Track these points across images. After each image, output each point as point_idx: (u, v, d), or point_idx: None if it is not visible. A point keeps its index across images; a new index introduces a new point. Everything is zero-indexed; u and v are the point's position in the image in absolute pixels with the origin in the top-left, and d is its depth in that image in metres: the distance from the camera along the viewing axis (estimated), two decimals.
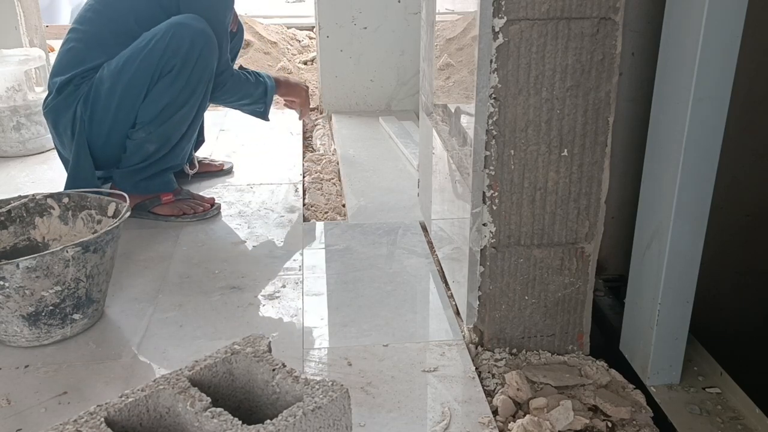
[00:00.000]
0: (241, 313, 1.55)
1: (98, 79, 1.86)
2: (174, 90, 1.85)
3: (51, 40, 3.68)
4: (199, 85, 1.89)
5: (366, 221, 2.03)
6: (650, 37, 1.36)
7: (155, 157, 1.94)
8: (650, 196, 1.29)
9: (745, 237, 1.65)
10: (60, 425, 0.80)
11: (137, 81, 1.84)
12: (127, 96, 1.85)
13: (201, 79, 1.89)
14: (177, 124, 1.92)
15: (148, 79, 1.84)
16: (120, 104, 1.86)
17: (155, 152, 1.93)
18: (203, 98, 1.95)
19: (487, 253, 1.34)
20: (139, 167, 1.94)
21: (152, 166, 1.96)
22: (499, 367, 1.36)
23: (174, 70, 1.83)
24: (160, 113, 1.86)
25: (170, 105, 1.86)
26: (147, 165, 1.95)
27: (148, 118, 1.87)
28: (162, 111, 1.86)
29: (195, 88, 1.89)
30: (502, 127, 1.25)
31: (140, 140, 1.90)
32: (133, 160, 1.93)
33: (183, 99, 1.88)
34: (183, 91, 1.87)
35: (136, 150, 1.91)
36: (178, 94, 1.86)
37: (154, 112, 1.86)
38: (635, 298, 1.36)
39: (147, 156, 1.93)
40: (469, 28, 1.36)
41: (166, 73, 1.83)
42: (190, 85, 1.87)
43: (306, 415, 0.80)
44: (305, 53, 4.07)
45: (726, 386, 1.33)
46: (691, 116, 1.14)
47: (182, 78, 1.85)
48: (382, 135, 2.84)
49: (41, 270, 1.32)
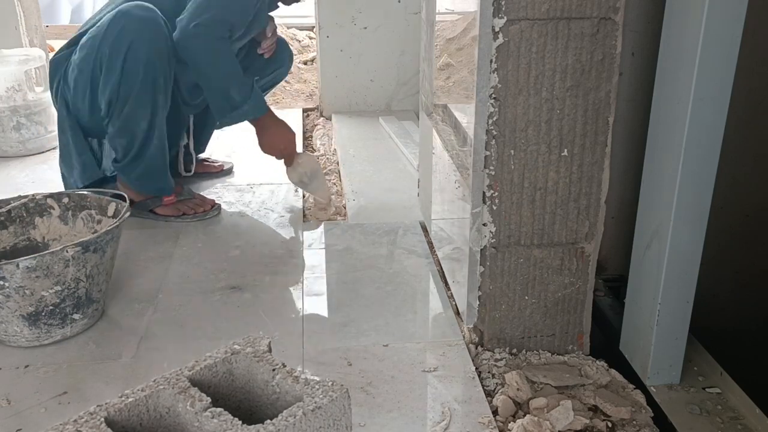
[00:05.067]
0: (241, 313, 1.55)
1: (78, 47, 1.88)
2: (113, 82, 1.80)
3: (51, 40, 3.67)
4: (137, 79, 1.78)
5: (366, 221, 2.03)
6: (650, 37, 1.36)
7: (131, 152, 1.90)
8: (650, 196, 1.29)
9: (745, 237, 1.65)
10: (60, 425, 0.80)
11: (84, 63, 1.84)
12: (81, 74, 1.85)
13: (137, 72, 1.78)
14: (133, 119, 1.84)
15: (91, 64, 1.82)
16: (76, 80, 1.87)
17: (128, 146, 1.89)
18: (154, 93, 1.82)
19: (487, 253, 1.34)
20: (125, 163, 1.93)
21: (136, 164, 1.92)
22: (499, 367, 1.36)
23: (107, 60, 1.79)
24: (110, 106, 1.84)
25: (115, 99, 1.82)
26: (130, 161, 1.92)
27: (105, 110, 1.86)
28: (110, 104, 1.83)
29: (133, 81, 1.79)
30: (502, 127, 1.25)
31: (111, 134, 1.90)
32: (118, 155, 1.93)
33: (125, 93, 1.80)
34: (122, 84, 1.79)
35: (114, 144, 1.92)
36: (118, 88, 1.80)
37: (106, 105, 1.84)
38: (635, 298, 1.36)
39: (124, 150, 1.91)
40: (469, 28, 1.36)
41: (103, 64, 1.80)
42: (127, 79, 1.79)
43: (306, 415, 0.80)
44: (305, 53, 4.07)
45: (726, 386, 1.33)
46: (691, 116, 1.14)
47: (115, 69, 1.78)
48: (382, 135, 2.84)
49: (41, 270, 1.32)
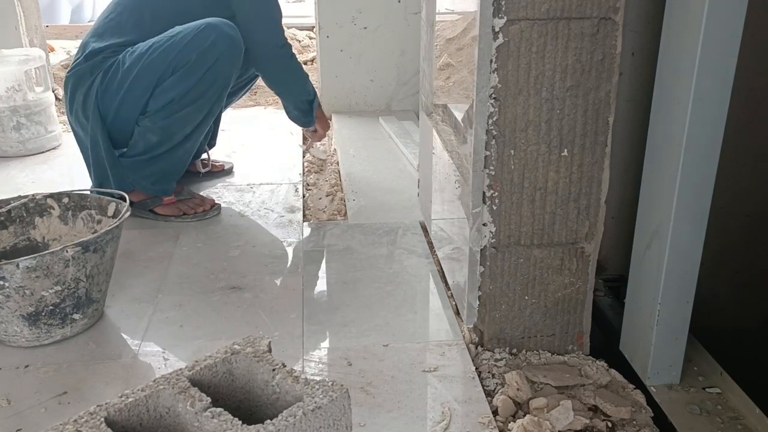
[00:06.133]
0: (241, 313, 1.55)
1: (122, 58, 1.89)
2: (184, 86, 1.85)
3: (51, 40, 3.68)
4: (210, 89, 1.89)
5: (366, 221, 2.03)
6: (650, 37, 1.36)
7: (157, 150, 1.94)
8: (650, 196, 1.29)
9: (745, 237, 1.65)
10: (60, 425, 0.79)
11: (153, 67, 1.85)
12: (140, 79, 1.86)
13: (213, 83, 1.88)
14: (181, 122, 1.92)
15: (163, 67, 1.85)
16: (132, 86, 1.87)
17: (157, 145, 1.93)
18: (214, 104, 1.94)
19: (487, 253, 1.34)
20: (142, 159, 1.94)
21: (154, 162, 1.95)
22: (499, 367, 1.36)
23: (188, 66, 1.84)
24: (166, 105, 1.87)
25: (177, 100, 1.87)
26: (149, 158, 1.94)
27: (156, 107, 1.87)
28: (169, 103, 1.87)
29: (205, 90, 1.88)
30: (502, 127, 1.25)
31: (145, 128, 1.91)
32: (137, 149, 1.94)
33: (191, 98, 1.88)
34: (193, 90, 1.87)
35: (140, 137, 1.92)
36: (186, 92, 1.86)
37: (162, 103, 1.87)
38: (635, 298, 1.36)
39: (149, 147, 1.93)
40: (469, 28, 1.36)
41: (181, 67, 1.84)
42: (201, 86, 1.87)
43: (306, 415, 0.80)
44: (305, 53, 4.07)
45: (726, 386, 1.33)
46: (691, 116, 1.14)
47: (194, 76, 1.85)
48: (382, 135, 2.84)
49: (41, 270, 1.32)
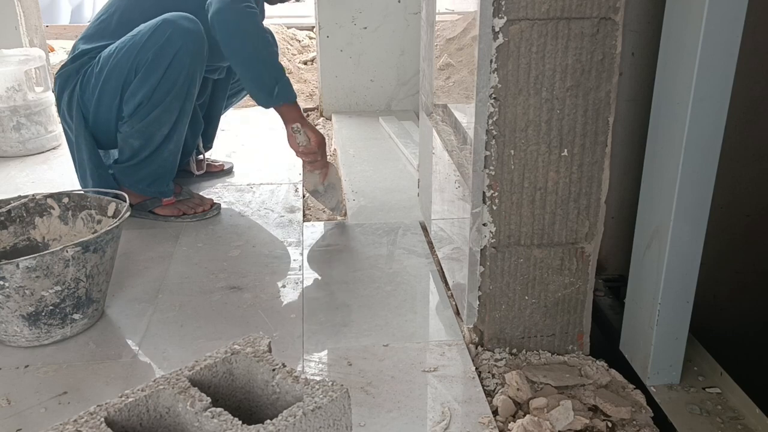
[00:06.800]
0: (241, 313, 1.55)
1: (98, 60, 1.88)
2: (148, 87, 1.82)
3: (51, 40, 3.68)
4: (174, 87, 1.83)
5: (366, 221, 2.03)
6: (650, 37, 1.36)
7: (141, 154, 1.92)
8: (650, 196, 1.29)
9: (746, 237, 1.65)
10: (60, 425, 0.79)
11: (119, 68, 1.83)
12: (109, 80, 1.85)
13: (177, 81, 1.82)
14: (156, 123, 1.87)
15: (126, 68, 1.82)
16: (103, 88, 1.86)
17: (140, 149, 1.91)
18: (184, 101, 1.88)
19: (487, 253, 1.34)
20: (131, 164, 1.94)
21: (143, 166, 1.93)
22: (499, 367, 1.36)
23: (147, 65, 1.80)
24: (137, 108, 1.85)
25: (146, 102, 1.83)
26: (137, 163, 1.93)
27: (129, 111, 1.86)
28: (139, 107, 1.84)
29: (170, 89, 1.83)
30: (502, 127, 1.25)
31: (126, 134, 1.90)
32: (125, 155, 1.94)
33: (158, 98, 1.83)
34: (157, 89, 1.82)
35: (124, 144, 1.92)
36: (152, 93, 1.82)
37: (133, 106, 1.85)
38: (635, 298, 1.36)
39: (134, 152, 1.92)
40: (469, 28, 1.36)
41: (142, 67, 1.81)
42: (165, 85, 1.82)
43: (306, 415, 0.80)
44: (305, 53, 4.07)
45: (726, 386, 1.33)
46: (691, 116, 1.14)
47: (155, 75, 1.81)
48: (382, 135, 2.84)
49: (41, 270, 1.32)
